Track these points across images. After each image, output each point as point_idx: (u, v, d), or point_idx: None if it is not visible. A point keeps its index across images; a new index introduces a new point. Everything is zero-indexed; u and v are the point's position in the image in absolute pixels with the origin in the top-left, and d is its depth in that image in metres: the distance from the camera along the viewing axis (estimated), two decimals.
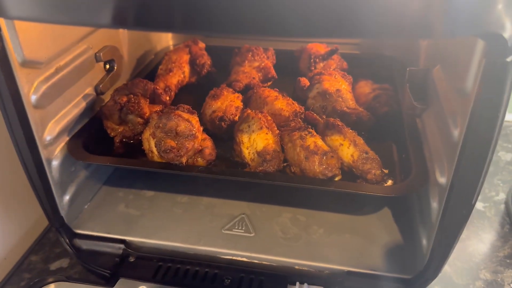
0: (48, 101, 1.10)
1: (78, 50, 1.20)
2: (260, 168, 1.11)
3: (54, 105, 1.13)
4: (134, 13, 0.75)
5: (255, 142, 1.14)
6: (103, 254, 1.21)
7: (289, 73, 1.60)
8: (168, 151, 1.08)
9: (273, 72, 1.50)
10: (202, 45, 1.61)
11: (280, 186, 1.32)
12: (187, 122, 1.11)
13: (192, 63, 1.55)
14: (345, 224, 1.23)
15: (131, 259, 1.19)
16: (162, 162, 1.14)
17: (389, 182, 1.11)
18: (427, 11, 0.70)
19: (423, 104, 1.17)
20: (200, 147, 1.15)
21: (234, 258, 1.16)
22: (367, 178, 1.09)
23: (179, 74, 1.49)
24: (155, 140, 1.12)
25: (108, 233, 1.22)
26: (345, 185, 1.07)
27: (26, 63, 1.00)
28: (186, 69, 1.53)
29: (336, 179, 1.10)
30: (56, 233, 1.24)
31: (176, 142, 1.10)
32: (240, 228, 1.23)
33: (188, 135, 1.10)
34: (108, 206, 1.32)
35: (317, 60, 1.51)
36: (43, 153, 1.10)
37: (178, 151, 1.09)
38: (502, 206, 1.46)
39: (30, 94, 1.03)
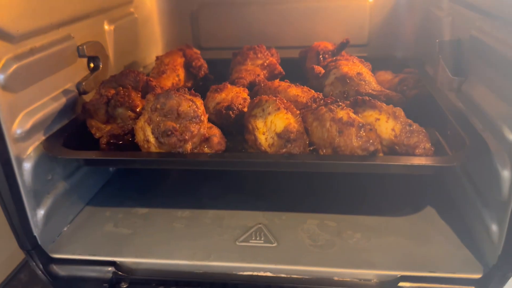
0: (20, 85, 0.92)
1: (57, 35, 1.04)
2: (284, 150, 0.90)
3: (27, 92, 0.94)
4: None
5: (273, 124, 0.95)
6: (88, 281, 0.97)
7: (295, 79, 1.43)
8: (170, 133, 0.87)
9: (279, 68, 1.34)
10: (196, 50, 1.46)
11: (303, 189, 1.14)
12: (190, 101, 0.91)
13: (187, 66, 1.38)
14: (384, 226, 1.03)
15: (124, 285, 0.96)
16: (162, 152, 0.93)
17: None
18: None
19: (462, 75, 1.02)
20: (206, 134, 0.95)
21: (255, 273, 0.94)
22: (416, 154, 0.90)
23: (173, 77, 1.32)
24: (151, 126, 0.92)
25: (94, 255, 0.99)
26: (397, 159, 0.87)
27: None
28: (181, 72, 1.36)
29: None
30: (28, 261, 0.99)
31: (178, 125, 0.90)
32: (258, 238, 1.01)
33: (192, 116, 0.90)
34: (93, 226, 1.09)
35: (326, 56, 1.36)
36: (12, 149, 0.90)
37: (181, 134, 0.88)
38: None
39: None
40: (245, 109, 1.09)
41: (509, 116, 0.80)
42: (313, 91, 1.12)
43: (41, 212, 0.98)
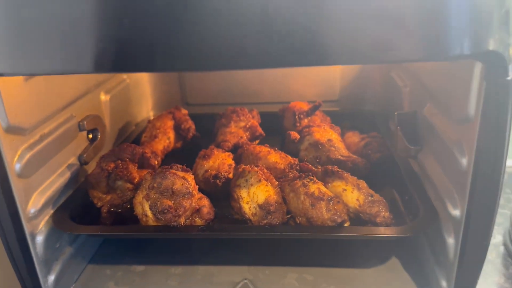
0: (33, 170, 1.03)
1: (61, 118, 1.16)
2: (265, 221, 1.05)
3: (38, 174, 1.06)
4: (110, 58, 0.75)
5: (255, 195, 1.09)
6: None
7: (273, 132, 1.59)
8: (166, 211, 1.01)
9: (260, 130, 1.49)
10: (185, 111, 1.60)
11: (283, 243, 1.27)
12: (183, 179, 1.05)
13: (177, 128, 1.53)
14: (354, 278, 1.15)
15: None
16: (158, 225, 1.07)
17: None
18: (423, 34, 0.72)
19: (417, 145, 1.18)
20: (197, 206, 1.09)
21: None
22: (377, 222, 1.05)
23: (164, 140, 1.46)
24: (149, 202, 1.05)
25: None
26: (360, 230, 1.03)
27: (10, 129, 0.95)
28: (171, 134, 1.51)
29: (345, 225, 1.05)
30: None
31: (172, 201, 1.04)
32: None
33: (185, 193, 1.05)
34: (95, 285, 1.19)
35: (302, 116, 1.52)
36: (26, 227, 1.01)
37: (175, 210, 1.02)
38: (502, 248, 1.42)
39: (14, 162, 0.97)
40: (231, 175, 1.24)
41: (450, 194, 0.96)
42: (289, 157, 1.28)
43: (51, 278, 1.09)
